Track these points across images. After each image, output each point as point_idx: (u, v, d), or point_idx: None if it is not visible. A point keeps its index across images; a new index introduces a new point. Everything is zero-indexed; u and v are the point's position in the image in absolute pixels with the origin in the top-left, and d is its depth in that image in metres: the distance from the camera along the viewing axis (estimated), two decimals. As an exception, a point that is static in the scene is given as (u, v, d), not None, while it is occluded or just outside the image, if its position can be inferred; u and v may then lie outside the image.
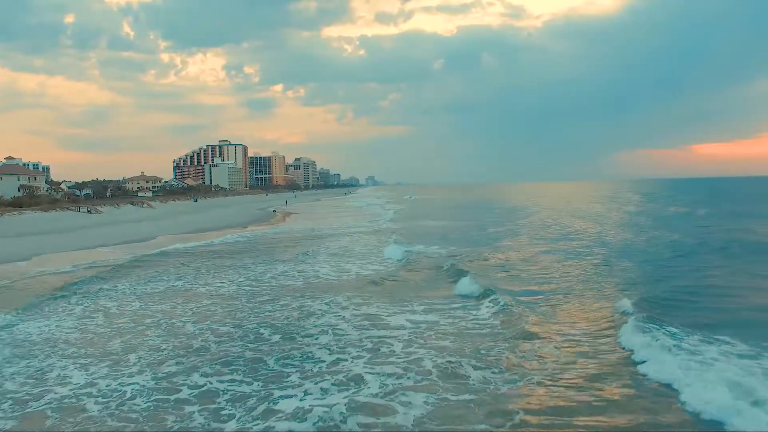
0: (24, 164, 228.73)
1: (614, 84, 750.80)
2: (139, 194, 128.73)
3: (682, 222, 42.85)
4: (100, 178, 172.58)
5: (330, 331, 13.71)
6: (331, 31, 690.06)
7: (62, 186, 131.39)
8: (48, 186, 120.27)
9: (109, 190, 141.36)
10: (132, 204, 76.49)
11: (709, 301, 15.78)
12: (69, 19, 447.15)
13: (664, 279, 19.38)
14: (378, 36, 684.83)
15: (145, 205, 76.89)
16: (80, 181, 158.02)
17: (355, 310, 15.91)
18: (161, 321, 15.38)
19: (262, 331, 13.95)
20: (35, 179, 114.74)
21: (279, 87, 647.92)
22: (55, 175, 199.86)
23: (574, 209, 63.59)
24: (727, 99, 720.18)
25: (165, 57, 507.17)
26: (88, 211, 62.19)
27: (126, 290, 20.18)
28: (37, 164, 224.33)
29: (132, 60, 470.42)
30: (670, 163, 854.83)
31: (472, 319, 14.59)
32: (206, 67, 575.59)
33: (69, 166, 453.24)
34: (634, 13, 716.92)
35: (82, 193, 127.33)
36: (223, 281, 21.70)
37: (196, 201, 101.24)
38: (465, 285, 18.18)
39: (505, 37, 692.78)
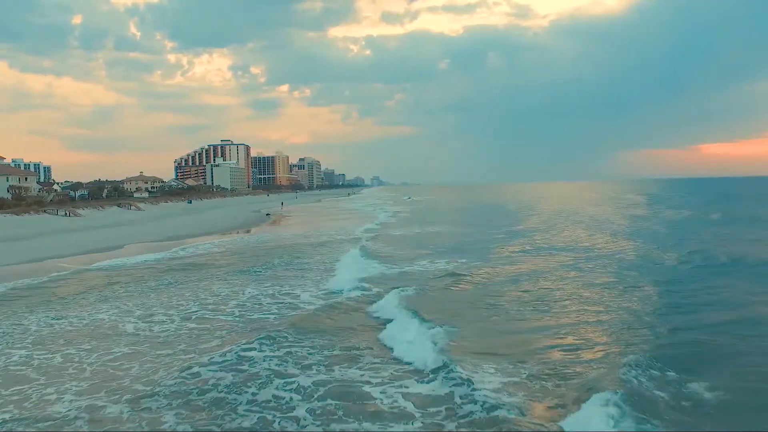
0: (25, 165, 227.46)
1: (619, 83, 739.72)
2: (135, 195, 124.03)
3: (699, 228, 36.95)
4: (103, 179, 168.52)
5: (277, 424, 8.52)
6: (336, 32, 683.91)
7: (55, 187, 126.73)
8: (40, 187, 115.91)
9: (105, 190, 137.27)
10: (118, 206, 71.61)
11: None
12: (76, 20, 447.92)
13: (699, 316, 13.81)
14: (384, 36, 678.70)
15: (132, 207, 71.94)
16: (84, 182, 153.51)
17: (325, 374, 10.67)
18: (31, 391, 10.21)
19: (166, 417, 8.76)
20: (26, 179, 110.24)
21: (285, 87, 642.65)
22: (59, 176, 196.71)
23: (579, 213, 57.92)
24: (731, 98, 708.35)
25: (171, 57, 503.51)
26: (66, 214, 57.30)
27: (30, 326, 15.08)
28: (38, 164, 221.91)
29: (138, 60, 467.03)
30: (674, 163, 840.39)
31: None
32: (212, 67, 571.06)
33: (74, 166, 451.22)
34: (639, 13, 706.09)
35: (77, 194, 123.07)
36: (168, 312, 16.59)
37: (191, 202, 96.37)
38: (414, 349, 11.42)
39: (510, 37, 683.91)
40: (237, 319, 15.59)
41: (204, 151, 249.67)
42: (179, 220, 60.01)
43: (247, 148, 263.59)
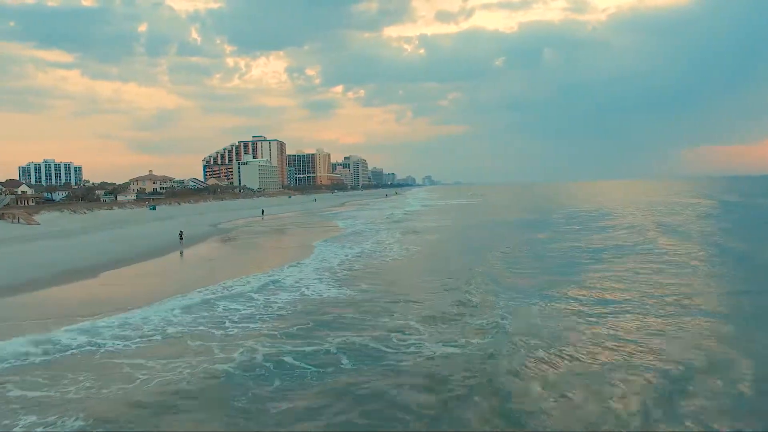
0: (56, 165, 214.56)
1: (681, 78, 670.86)
2: (120, 197, 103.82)
3: None
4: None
5: None
6: (391, 31, 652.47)
7: (23, 188, 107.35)
8: (1, 188, 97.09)
9: (103, 192, 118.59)
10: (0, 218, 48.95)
11: None
12: (142, 28, 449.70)
13: None
14: (438, 35, 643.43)
15: (21, 221, 49.15)
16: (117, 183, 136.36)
17: None
18: None
19: None
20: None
21: (339, 88, 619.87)
22: (120, 177, 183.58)
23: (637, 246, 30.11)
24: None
25: (230, 61, 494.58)
26: None
27: None
28: (70, 164, 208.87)
29: (199, 65, 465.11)
30: (740, 160, 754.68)
31: None
32: (269, 69, 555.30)
33: (137, 167, 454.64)
34: (704, 3, 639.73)
35: (58, 197, 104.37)
36: None
37: (155, 209, 73.72)
38: None
39: (567, 33, 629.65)
40: None
41: (234, 148, 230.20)
42: (52, 244, 36.49)
43: (281, 144, 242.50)
